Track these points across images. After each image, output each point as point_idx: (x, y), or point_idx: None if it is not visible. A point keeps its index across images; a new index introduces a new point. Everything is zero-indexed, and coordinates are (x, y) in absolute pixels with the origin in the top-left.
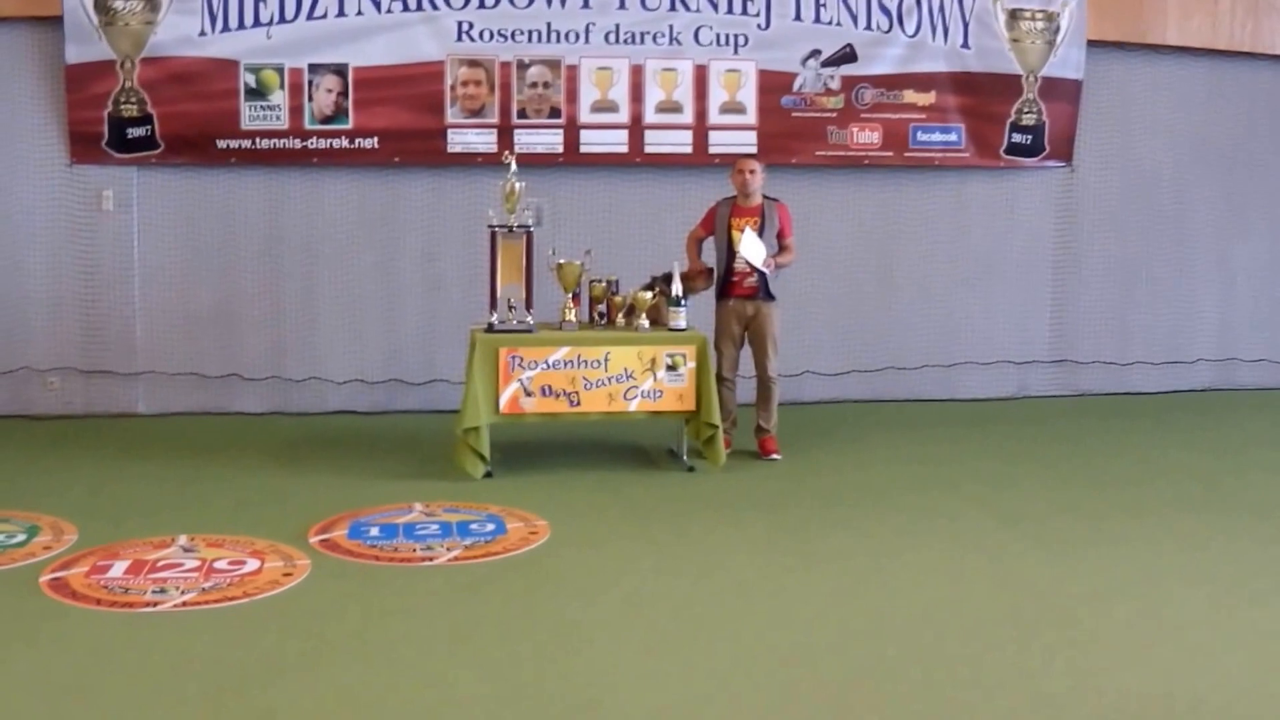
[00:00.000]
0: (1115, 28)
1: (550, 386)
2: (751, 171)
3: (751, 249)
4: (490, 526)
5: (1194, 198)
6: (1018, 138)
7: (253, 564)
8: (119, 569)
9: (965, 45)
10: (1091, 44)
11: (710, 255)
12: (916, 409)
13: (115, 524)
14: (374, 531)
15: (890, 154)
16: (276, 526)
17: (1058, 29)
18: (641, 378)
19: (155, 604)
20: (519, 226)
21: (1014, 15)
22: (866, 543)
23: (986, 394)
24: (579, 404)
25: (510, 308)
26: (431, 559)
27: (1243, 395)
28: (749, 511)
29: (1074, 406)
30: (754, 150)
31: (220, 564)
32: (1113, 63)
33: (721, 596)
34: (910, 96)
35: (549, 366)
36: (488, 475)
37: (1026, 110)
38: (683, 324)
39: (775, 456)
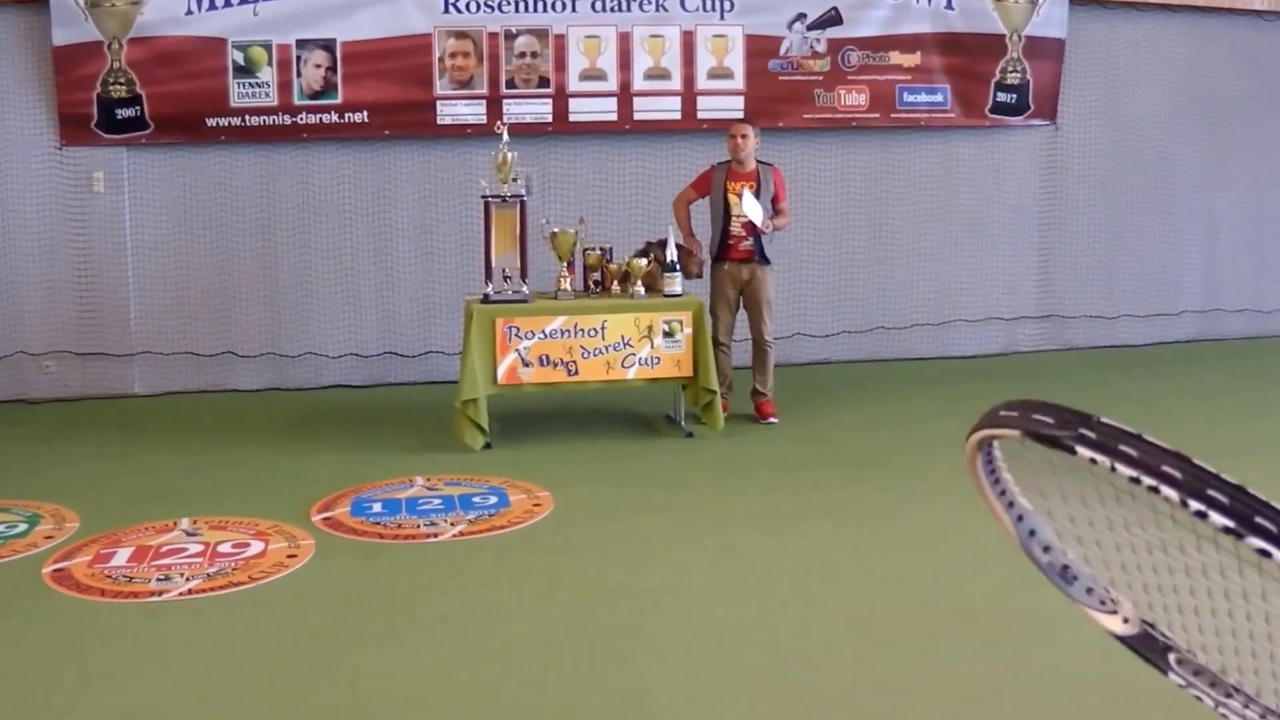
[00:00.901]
0: None
1: (548, 356)
2: (744, 136)
3: (751, 208)
4: (493, 499)
5: (1177, 151)
6: (1003, 97)
7: (257, 546)
8: (122, 556)
9: (949, 6)
10: (1073, 2)
11: (700, 221)
12: (908, 368)
13: (117, 509)
14: (376, 508)
15: (877, 115)
16: (279, 505)
17: None
18: (639, 345)
19: (160, 593)
20: (512, 196)
21: None
22: (876, 504)
23: (977, 351)
24: (577, 373)
25: (505, 278)
26: (436, 535)
27: (1227, 345)
28: (754, 475)
29: (1063, 360)
30: (742, 115)
31: (224, 547)
32: (1094, 20)
33: (733, 564)
34: (896, 58)
35: (546, 336)
36: (487, 447)
37: (1011, 70)
38: (678, 289)
39: (773, 420)
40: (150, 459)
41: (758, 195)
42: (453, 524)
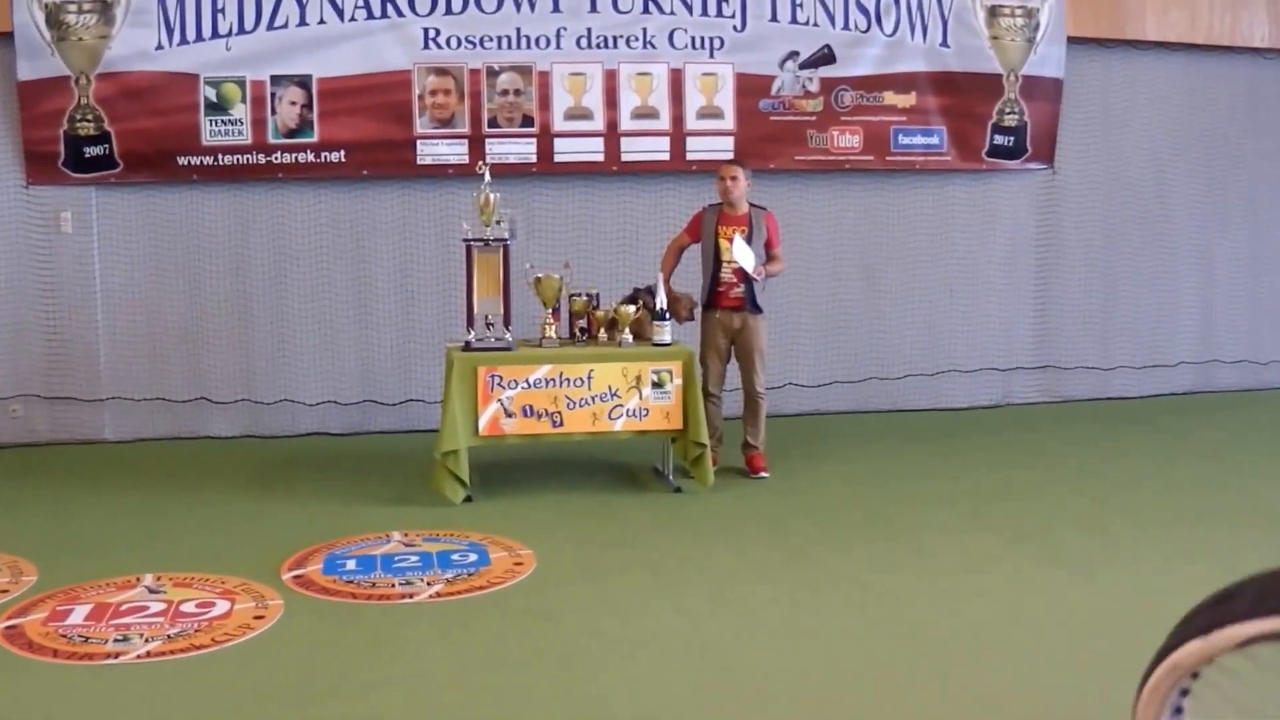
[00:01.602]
0: (1094, 24)
1: (532, 407)
2: (733, 178)
3: (743, 254)
4: (472, 557)
5: (1174, 193)
6: (1000, 139)
7: (222, 605)
8: (79, 614)
9: (944, 44)
10: (1070, 41)
11: (692, 267)
12: (902, 419)
13: (78, 562)
14: (350, 565)
15: (871, 158)
16: (248, 561)
17: (1037, 26)
18: (626, 396)
19: (117, 654)
20: (495, 239)
21: (993, 12)
22: (873, 564)
23: (971, 402)
24: (562, 424)
25: (488, 324)
26: (412, 595)
27: (1224, 397)
28: (744, 535)
29: (1059, 413)
30: (732, 156)
31: (188, 606)
32: (1092, 60)
33: (733, 629)
34: (890, 98)
35: (530, 385)
36: (468, 500)
37: (1008, 110)
38: (668, 338)
39: (764, 474)
40: (117, 508)
41: (750, 240)
42: (430, 583)
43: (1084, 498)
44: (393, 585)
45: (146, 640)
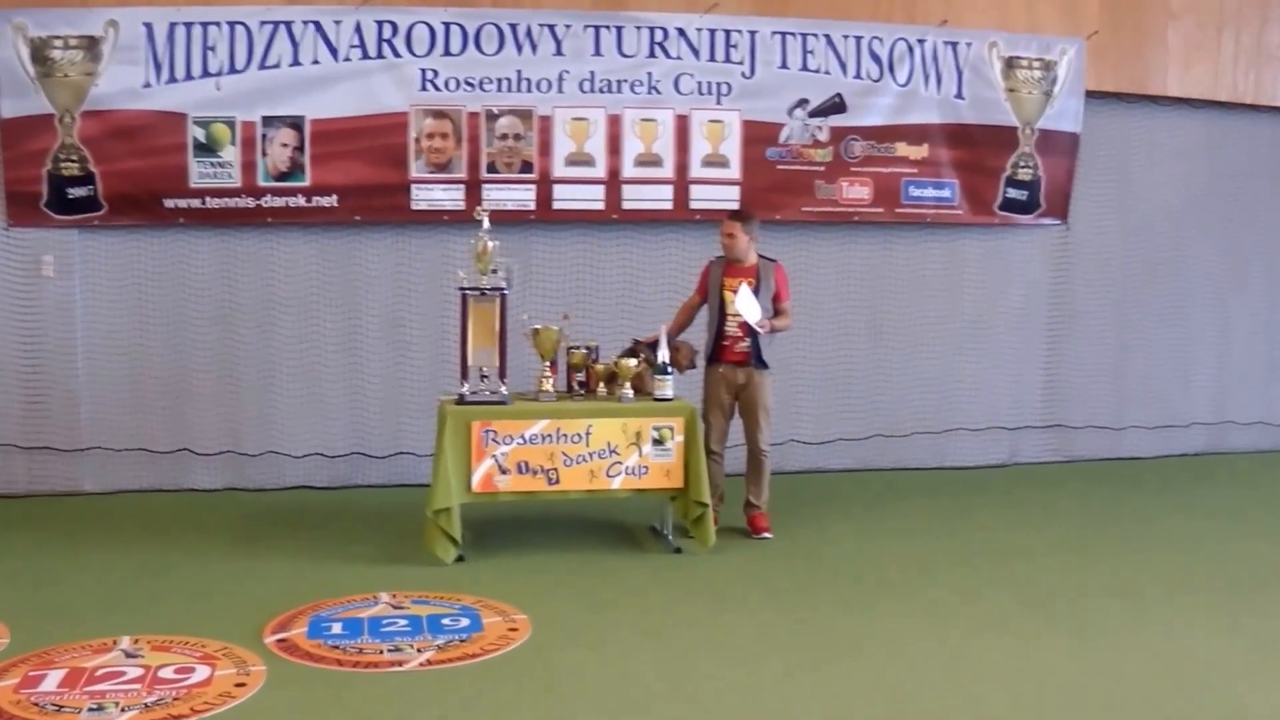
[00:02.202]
0: (1115, 78)
1: (527, 463)
2: (730, 235)
3: (747, 305)
4: (464, 621)
5: (1191, 252)
6: (1013, 193)
7: (202, 671)
8: (53, 680)
9: (959, 95)
10: (1089, 95)
11: (700, 319)
12: (907, 478)
13: (53, 623)
14: (336, 628)
15: (881, 210)
16: (230, 622)
17: (1055, 79)
18: (626, 453)
19: None
20: (491, 289)
21: (1010, 64)
22: (884, 631)
23: (979, 461)
24: (558, 482)
25: (482, 377)
26: (401, 663)
27: (1237, 459)
28: (749, 599)
29: (1067, 473)
30: (738, 206)
31: (166, 672)
32: (1111, 114)
33: (741, 703)
34: (902, 149)
35: (526, 441)
36: (459, 559)
37: (1023, 164)
38: (669, 393)
39: (767, 535)
40: (95, 564)
41: (757, 293)
42: (420, 650)
43: (1100, 560)
44: (381, 652)
45: (122, 710)
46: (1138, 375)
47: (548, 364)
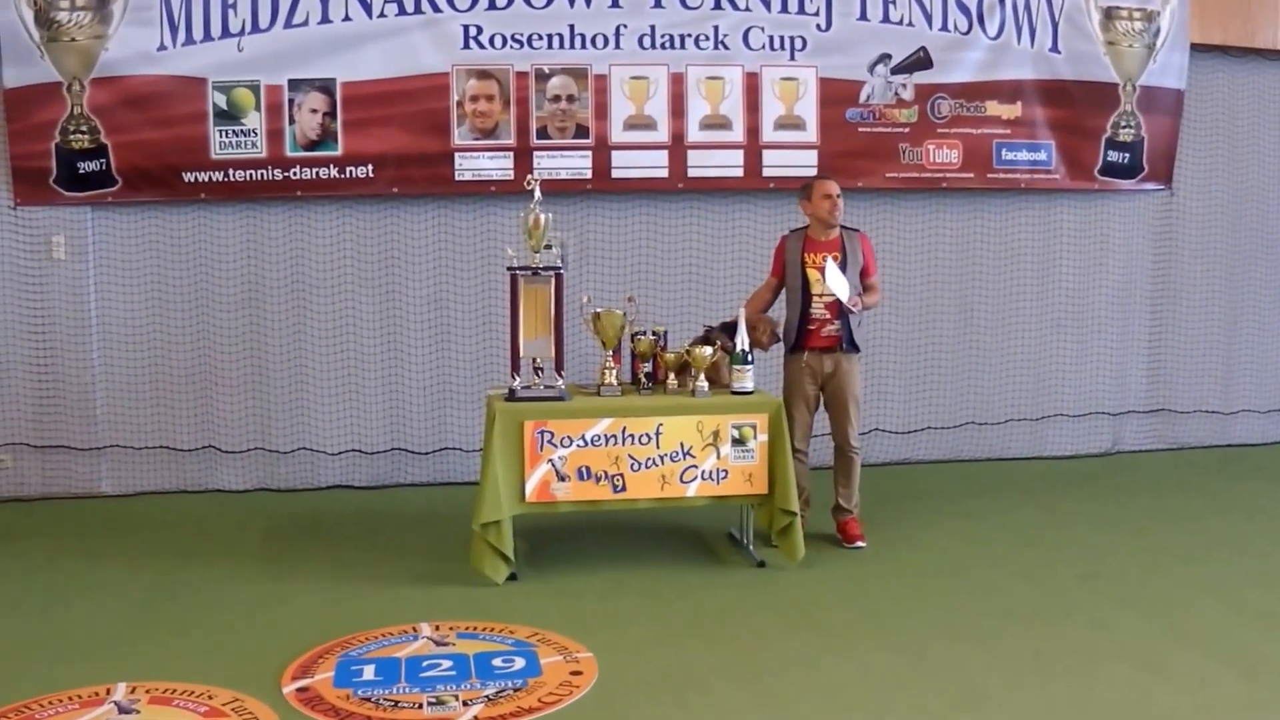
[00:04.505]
0: (1221, 31)
1: (589, 468)
2: (835, 197)
3: (837, 282)
4: (519, 662)
5: None
6: (1113, 156)
7: None
8: None
9: (1054, 49)
10: (1194, 48)
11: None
12: (1001, 469)
13: (43, 665)
14: (368, 672)
15: (971, 175)
16: (246, 662)
17: (1158, 31)
18: (702, 455)
19: None
20: (545, 268)
21: (1109, 14)
22: (1025, 674)
23: (1078, 450)
24: (624, 489)
25: (536, 369)
26: None
27: None
28: (851, 629)
29: (1172, 462)
30: (816, 171)
31: None
32: (1216, 70)
33: None
34: (993, 108)
35: (587, 443)
36: (512, 578)
37: (1124, 124)
38: (749, 385)
39: (860, 544)
40: (105, 584)
41: (844, 268)
42: (466, 703)
43: (1242, 570)
44: (420, 705)
45: None
46: (1248, 355)
47: (610, 353)
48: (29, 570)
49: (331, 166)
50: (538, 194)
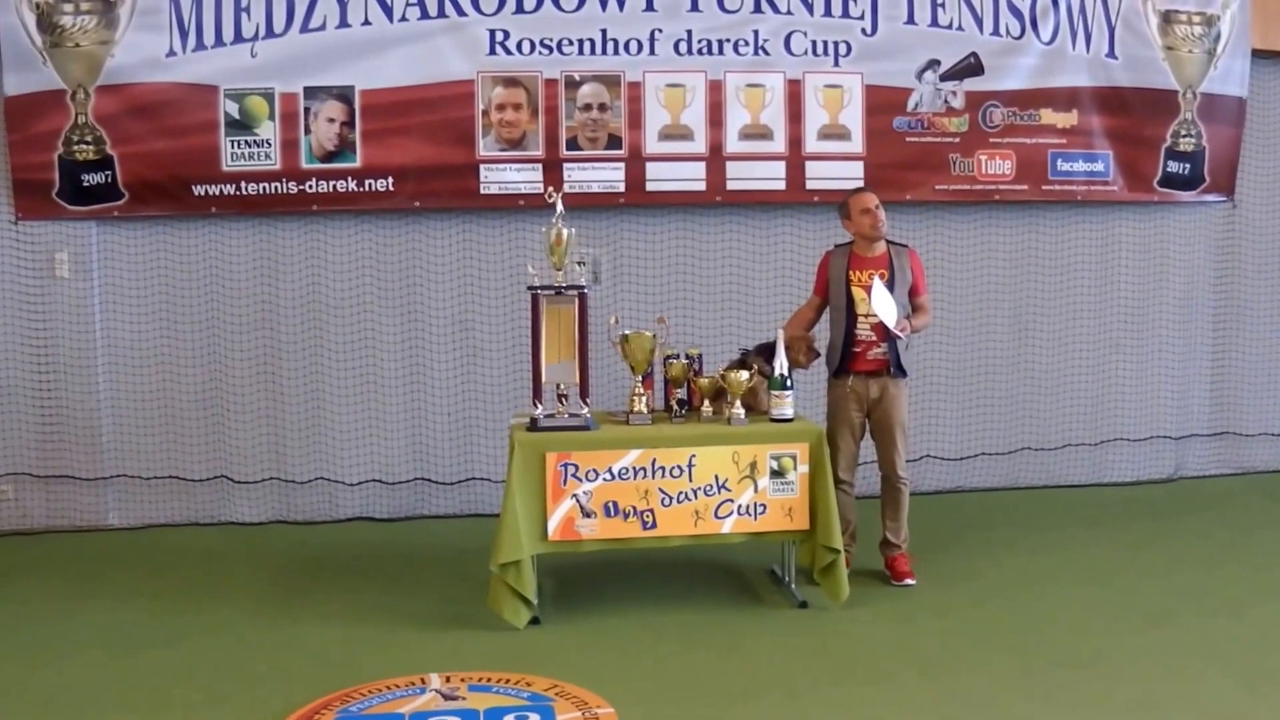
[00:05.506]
0: None
1: (616, 504)
2: (874, 211)
3: (883, 304)
4: (533, 719)
5: None
6: (1174, 166)
7: None
8: None
9: (1111, 54)
10: (1255, 54)
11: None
12: (1060, 497)
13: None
14: None
15: (1025, 187)
16: (240, 714)
17: (1218, 36)
18: (738, 489)
19: None
20: (569, 287)
21: (1167, 18)
22: None
23: (1139, 476)
24: (655, 526)
25: (560, 396)
26: None
27: None
28: (903, 679)
29: (1237, 487)
30: (862, 184)
31: None
32: (1279, 77)
33: None
34: (1048, 117)
35: (614, 477)
36: (534, 622)
37: (1184, 133)
38: (789, 412)
39: (909, 581)
40: (101, 629)
41: (891, 286)
42: None
43: None
44: None
45: None
46: None
47: (640, 378)
48: (23, 618)
49: (350, 179)
50: (560, 208)
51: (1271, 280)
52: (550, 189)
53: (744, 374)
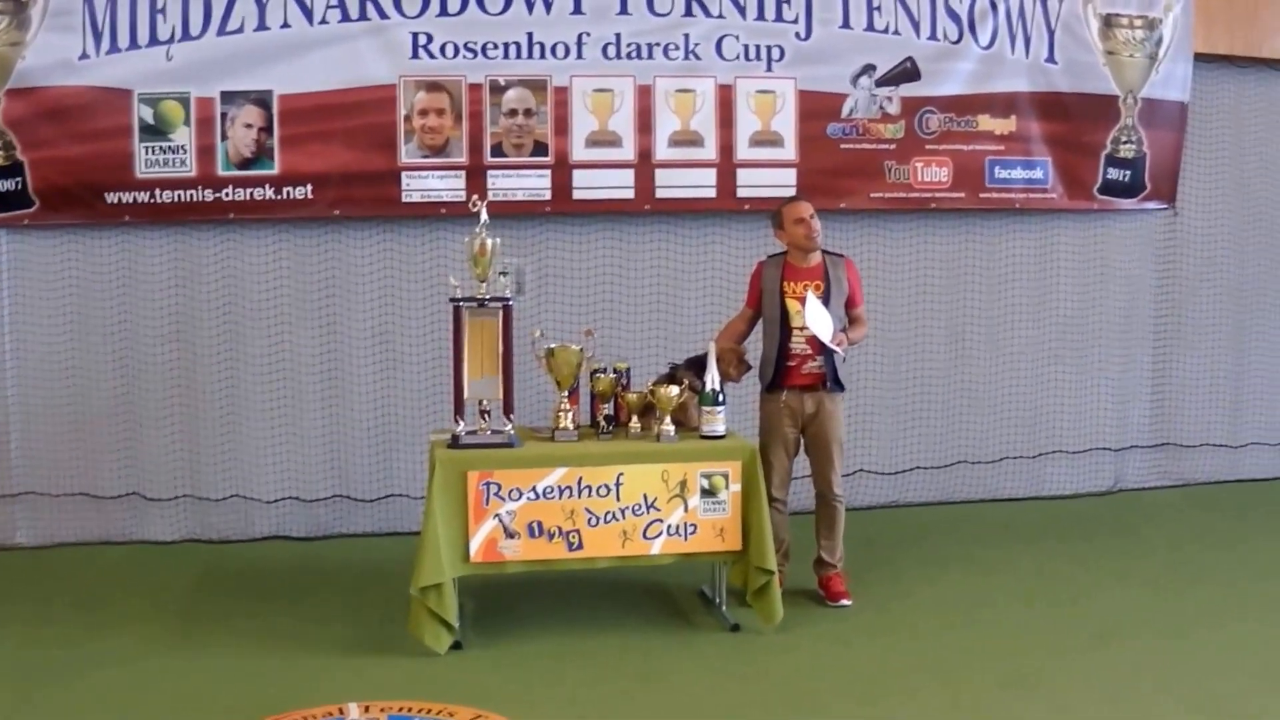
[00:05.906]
0: (1227, 40)
1: (541, 524)
2: (808, 220)
3: (818, 318)
4: None
5: None
6: (1114, 173)
7: None
8: None
9: (1051, 59)
10: (1198, 58)
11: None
12: (997, 511)
13: None
14: None
15: (962, 195)
16: None
17: (1160, 40)
18: (668, 508)
19: None
20: (493, 299)
21: (1109, 22)
22: None
23: (1078, 488)
24: (581, 547)
25: (482, 413)
26: None
27: None
28: (840, 708)
29: (1177, 499)
30: (794, 192)
31: None
32: (1222, 81)
33: None
34: (985, 123)
35: (539, 496)
36: (456, 646)
37: (1125, 140)
38: (721, 429)
39: (845, 602)
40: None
41: (828, 298)
42: None
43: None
44: None
45: None
46: (1258, 385)
47: (566, 393)
48: None
49: (267, 186)
50: (484, 216)
51: (1213, 289)
52: (474, 197)
53: (674, 389)
